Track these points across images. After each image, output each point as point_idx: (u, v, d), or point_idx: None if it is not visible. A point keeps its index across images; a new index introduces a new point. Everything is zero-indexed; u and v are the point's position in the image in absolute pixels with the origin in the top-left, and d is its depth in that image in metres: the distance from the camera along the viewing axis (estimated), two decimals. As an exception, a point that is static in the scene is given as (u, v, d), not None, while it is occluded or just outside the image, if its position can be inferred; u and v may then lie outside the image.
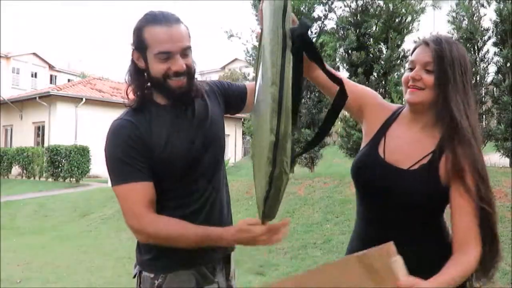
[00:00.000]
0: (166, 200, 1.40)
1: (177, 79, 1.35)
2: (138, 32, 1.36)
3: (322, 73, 1.23)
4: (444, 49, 1.29)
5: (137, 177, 1.32)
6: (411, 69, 1.34)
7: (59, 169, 15.09)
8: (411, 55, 1.38)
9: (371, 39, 8.45)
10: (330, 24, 9.31)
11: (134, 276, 1.51)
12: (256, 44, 9.64)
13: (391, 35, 8.17)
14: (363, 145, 1.47)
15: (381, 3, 8.31)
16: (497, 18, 7.18)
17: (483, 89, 7.53)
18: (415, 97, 1.31)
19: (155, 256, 1.43)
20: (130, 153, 1.33)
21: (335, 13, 8.92)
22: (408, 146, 1.35)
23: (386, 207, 1.34)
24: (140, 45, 1.36)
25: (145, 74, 1.39)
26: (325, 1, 9.13)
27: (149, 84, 1.41)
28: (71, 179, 14.87)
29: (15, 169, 17.24)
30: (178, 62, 1.34)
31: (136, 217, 1.32)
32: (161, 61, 1.33)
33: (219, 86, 1.60)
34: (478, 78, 7.46)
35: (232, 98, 1.62)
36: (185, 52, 1.36)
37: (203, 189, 1.45)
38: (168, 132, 1.39)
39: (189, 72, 1.38)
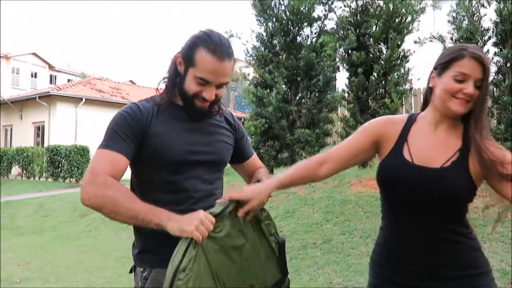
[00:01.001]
0: (159, 192, 1.47)
1: (203, 102, 1.47)
2: (192, 48, 1.44)
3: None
4: (488, 63, 1.38)
5: (118, 149, 1.40)
6: (459, 81, 1.37)
7: (59, 169, 15.10)
8: (453, 62, 1.39)
9: (371, 39, 8.44)
10: (330, 24, 9.31)
11: (130, 271, 1.59)
12: (256, 44, 9.69)
13: (391, 35, 8.16)
14: (381, 159, 1.51)
15: (381, 3, 8.31)
16: (497, 18, 7.17)
17: (483, 89, 7.53)
18: (463, 109, 1.39)
19: (143, 250, 1.51)
20: (123, 128, 1.43)
21: (335, 13, 8.91)
22: (435, 147, 1.42)
23: (425, 207, 1.39)
24: (187, 58, 1.45)
25: (179, 78, 1.50)
26: (325, 1, 9.12)
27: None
28: (71, 179, 14.88)
29: (15, 169, 17.24)
30: (211, 92, 1.46)
31: (93, 173, 1.35)
32: (198, 84, 1.44)
33: (236, 124, 1.70)
34: (478, 78, 7.46)
35: (237, 147, 1.69)
36: (221, 85, 1.48)
37: (196, 192, 1.49)
38: (170, 125, 1.49)
39: (215, 100, 1.50)
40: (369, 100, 8.46)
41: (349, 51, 8.53)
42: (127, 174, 1.66)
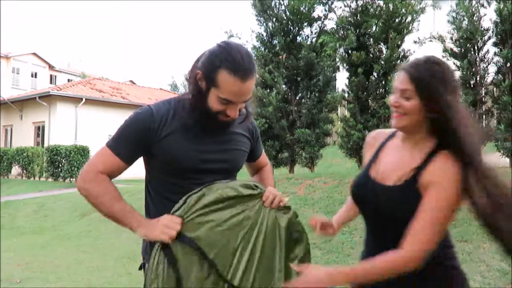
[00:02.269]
0: (168, 192, 1.49)
1: (226, 117, 1.46)
2: (213, 68, 1.39)
3: None
4: (423, 74, 1.31)
5: (119, 152, 1.47)
6: (394, 93, 1.39)
7: (59, 169, 15.09)
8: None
9: (371, 39, 8.45)
10: (330, 24, 9.33)
11: (140, 268, 1.60)
12: (256, 44, 9.70)
13: (391, 35, 8.17)
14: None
15: (381, 3, 8.31)
16: (497, 18, 7.17)
17: (483, 89, 7.53)
18: (397, 122, 1.36)
19: (151, 245, 1.50)
20: (131, 135, 1.47)
21: (335, 13, 8.92)
22: (397, 163, 1.40)
23: (379, 222, 1.41)
24: (209, 78, 1.40)
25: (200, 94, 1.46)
26: (325, 1, 9.13)
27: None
28: (71, 179, 14.88)
29: (15, 169, 17.24)
30: (235, 111, 1.44)
31: (89, 166, 1.47)
32: (222, 104, 1.42)
33: (256, 131, 1.71)
34: (478, 78, 7.46)
35: (251, 150, 1.70)
36: (245, 101, 1.46)
37: None
38: (184, 132, 1.48)
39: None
40: (369, 100, 8.47)
41: (349, 51, 8.54)
42: (127, 174, 1.67)
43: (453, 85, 1.32)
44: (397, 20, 8.25)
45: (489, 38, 7.40)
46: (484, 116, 7.52)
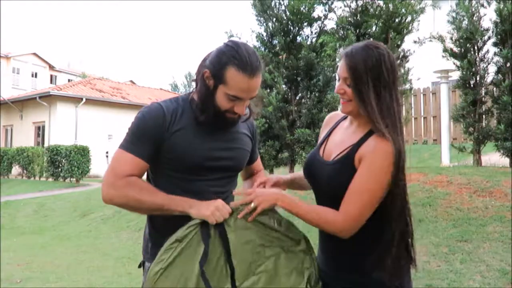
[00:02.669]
0: (172, 187, 1.49)
1: (234, 115, 1.50)
2: (221, 66, 1.43)
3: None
4: (356, 60, 1.37)
5: (137, 152, 1.46)
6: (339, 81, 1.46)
7: (59, 169, 15.09)
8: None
9: (371, 39, 8.44)
10: (330, 24, 9.31)
11: (139, 266, 1.62)
12: (256, 44, 9.67)
13: (391, 35, 8.17)
14: None
15: (381, 3, 8.31)
16: (497, 18, 7.17)
17: (483, 89, 7.52)
18: (344, 108, 1.45)
19: (154, 245, 1.53)
20: (143, 133, 1.47)
21: (335, 13, 8.91)
22: (340, 142, 1.48)
23: (320, 197, 1.49)
24: (217, 76, 1.44)
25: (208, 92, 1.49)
26: (325, 1, 9.12)
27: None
28: (71, 179, 14.88)
29: (15, 169, 17.25)
30: (243, 107, 1.49)
31: (115, 175, 1.44)
32: (230, 100, 1.46)
33: (255, 132, 1.75)
34: (478, 78, 7.45)
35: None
36: (252, 98, 1.50)
37: (209, 194, 1.51)
38: (193, 129, 1.50)
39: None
40: (369, 100, 8.47)
41: (349, 51, 8.53)
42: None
43: (386, 73, 1.38)
44: (397, 20, 8.24)
45: (489, 38, 7.39)
46: (484, 116, 7.51)
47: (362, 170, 1.35)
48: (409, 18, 8.30)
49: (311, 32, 9.52)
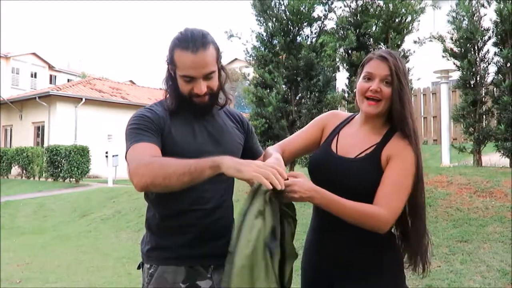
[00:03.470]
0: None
1: (200, 98, 1.50)
2: (171, 52, 1.50)
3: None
4: (398, 63, 1.46)
5: (146, 140, 1.43)
6: (368, 79, 1.48)
7: (59, 169, 15.09)
8: (364, 66, 1.52)
9: (371, 39, 8.44)
10: (330, 24, 9.30)
11: (138, 268, 1.61)
12: (256, 44, 9.67)
13: (391, 35, 8.16)
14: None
15: (381, 3, 8.31)
16: (497, 18, 7.16)
17: (483, 89, 7.51)
18: (373, 109, 1.48)
19: (152, 247, 1.53)
20: (144, 123, 1.47)
21: (335, 13, 8.90)
22: (357, 141, 1.53)
23: (336, 191, 1.44)
24: (171, 63, 1.51)
25: (172, 81, 1.55)
26: (325, 1, 9.12)
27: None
28: (71, 179, 14.87)
29: (15, 169, 17.24)
30: (200, 86, 1.48)
31: (137, 159, 1.36)
32: (186, 82, 1.49)
33: (246, 123, 1.73)
34: (478, 78, 7.45)
35: (247, 146, 1.71)
36: (208, 76, 1.48)
37: (206, 191, 1.51)
38: (183, 128, 1.53)
39: (211, 92, 1.52)
40: (369, 100, 8.46)
41: (349, 51, 8.53)
42: (125, 174, 1.66)
43: (408, 76, 1.52)
44: (397, 20, 8.24)
45: (489, 38, 7.39)
46: (484, 116, 7.51)
47: (397, 166, 1.42)
48: (409, 18, 8.30)
49: (311, 32, 9.52)
